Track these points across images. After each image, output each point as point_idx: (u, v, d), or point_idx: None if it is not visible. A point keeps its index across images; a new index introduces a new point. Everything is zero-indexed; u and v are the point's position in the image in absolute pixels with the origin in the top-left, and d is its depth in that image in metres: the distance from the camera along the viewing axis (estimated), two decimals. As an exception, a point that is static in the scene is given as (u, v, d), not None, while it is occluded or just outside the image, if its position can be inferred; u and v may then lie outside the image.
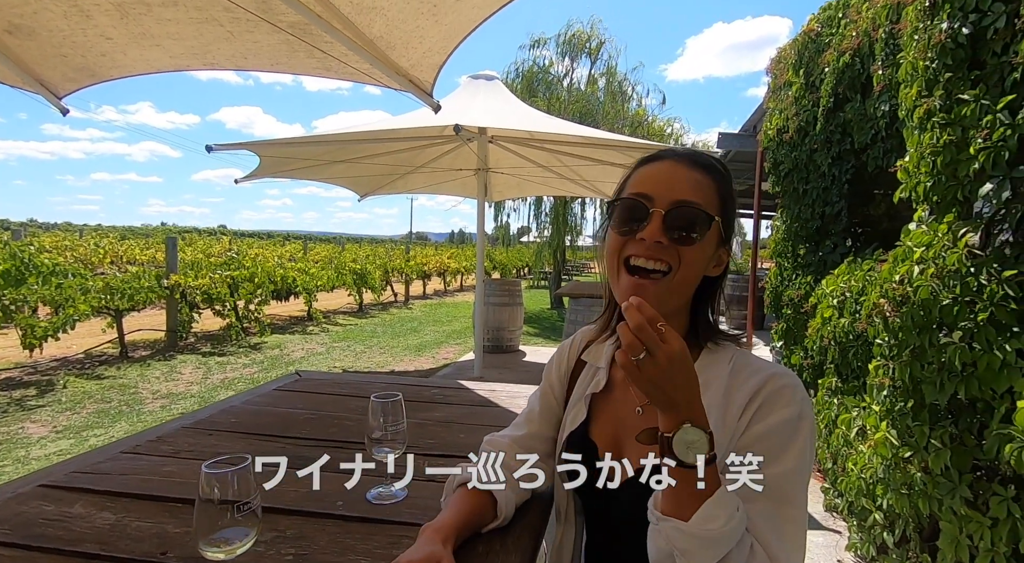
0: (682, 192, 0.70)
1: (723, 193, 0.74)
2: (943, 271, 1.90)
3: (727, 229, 0.75)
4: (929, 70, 2.09)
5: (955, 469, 1.85)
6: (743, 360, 0.74)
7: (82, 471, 0.93)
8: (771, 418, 0.66)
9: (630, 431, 0.74)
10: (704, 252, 0.72)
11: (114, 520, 0.77)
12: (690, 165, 0.73)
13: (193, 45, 2.35)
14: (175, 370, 5.81)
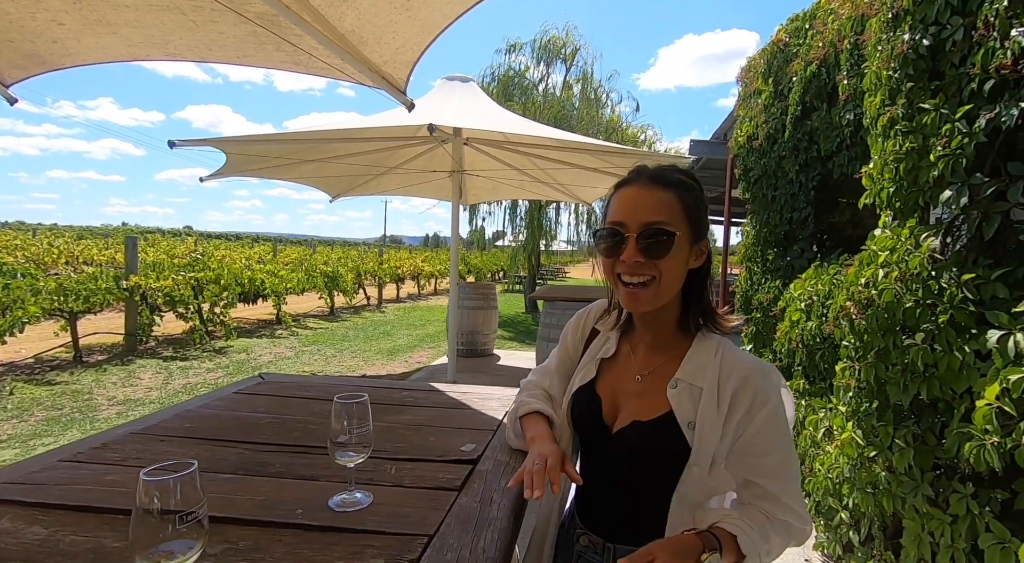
0: (648, 215, 0.83)
1: (687, 202, 0.85)
2: (906, 275, 1.95)
3: (697, 230, 0.87)
4: (892, 80, 2.16)
5: (917, 468, 1.90)
6: (730, 351, 0.87)
7: (13, 481, 0.85)
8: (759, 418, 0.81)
9: (629, 391, 0.91)
10: (678, 258, 0.84)
11: (45, 535, 0.70)
12: (653, 186, 0.85)
13: (153, 34, 2.25)
14: (133, 375, 5.56)
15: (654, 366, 0.89)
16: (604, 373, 0.96)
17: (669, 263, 0.83)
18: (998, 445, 1.50)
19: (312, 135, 4.30)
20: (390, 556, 0.67)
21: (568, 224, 12.59)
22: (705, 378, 0.83)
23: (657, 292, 0.84)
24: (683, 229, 0.84)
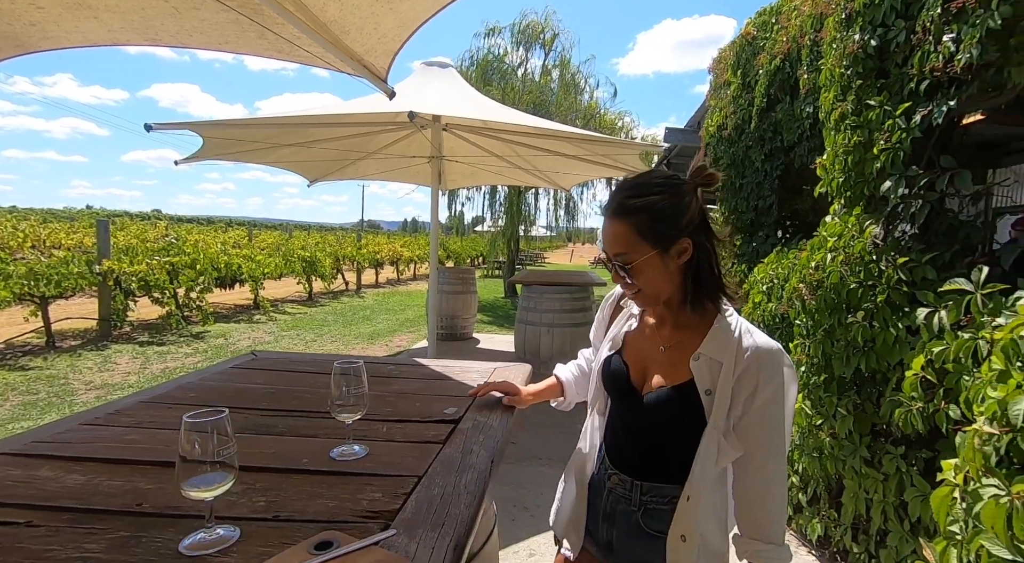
0: (612, 247, 1.00)
1: (642, 226, 0.97)
2: (850, 258, 2.14)
3: (664, 241, 0.97)
4: (844, 77, 2.32)
5: (857, 433, 2.11)
6: (747, 331, 1.00)
7: (42, 440, 0.95)
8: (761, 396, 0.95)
9: (654, 359, 1.06)
10: (649, 273, 0.98)
11: (84, 481, 0.81)
12: (612, 220, 0.99)
13: (134, 19, 2.26)
14: (109, 360, 5.53)
15: (676, 340, 1.03)
16: (629, 344, 1.12)
17: (642, 277, 0.98)
18: (922, 410, 1.70)
19: (290, 120, 4.31)
20: (387, 491, 0.80)
21: (547, 210, 12.70)
22: (725, 354, 0.96)
23: (648, 297, 1.01)
24: (644, 250, 0.96)
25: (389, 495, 0.79)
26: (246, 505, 0.75)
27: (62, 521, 0.70)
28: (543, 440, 3.27)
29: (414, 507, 0.75)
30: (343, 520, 0.71)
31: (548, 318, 5.41)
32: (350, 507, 0.75)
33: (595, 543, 1.09)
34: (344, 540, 0.63)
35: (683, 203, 0.98)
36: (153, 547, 0.65)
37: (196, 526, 0.69)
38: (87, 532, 0.67)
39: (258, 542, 0.67)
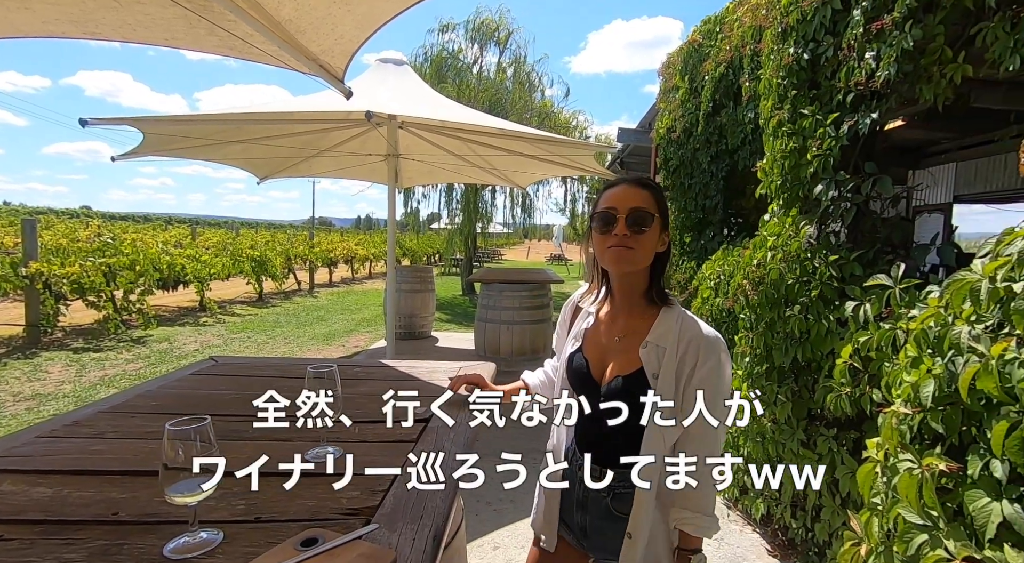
0: (635, 202, 1.11)
1: (659, 200, 1.14)
2: (788, 256, 2.31)
3: (664, 222, 1.15)
4: (780, 87, 2.49)
5: (794, 418, 2.29)
6: (688, 319, 1.13)
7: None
8: (699, 373, 1.07)
9: (611, 349, 1.16)
10: (652, 237, 1.11)
11: (51, 493, 0.80)
12: (638, 186, 1.14)
13: (71, 11, 2.14)
14: (40, 369, 5.18)
15: (630, 330, 1.15)
16: (589, 339, 1.22)
17: (646, 238, 1.10)
18: (850, 394, 1.87)
19: (240, 116, 4.17)
20: (365, 489, 0.84)
21: (504, 207, 12.80)
22: (668, 340, 1.09)
23: (634, 257, 1.11)
24: (657, 217, 1.12)
25: (367, 492, 0.82)
26: (226, 509, 0.77)
27: (35, 533, 0.69)
28: (504, 436, 3.33)
29: (393, 502, 0.79)
30: (325, 518, 0.75)
31: (508, 316, 5.48)
32: (331, 505, 0.78)
33: (570, 530, 1.19)
34: (328, 536, 0.67)
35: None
36: (137, 552, 0.66)
37: (177, 531, 0.71)
38: (64, 542, 0.68)
39: (243, 543, 0.69)
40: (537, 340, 5.59)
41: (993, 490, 1.19)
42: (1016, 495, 1.16)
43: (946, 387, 1.36)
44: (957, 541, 1.24)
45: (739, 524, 2.62)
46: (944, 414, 1.36)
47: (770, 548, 2.44)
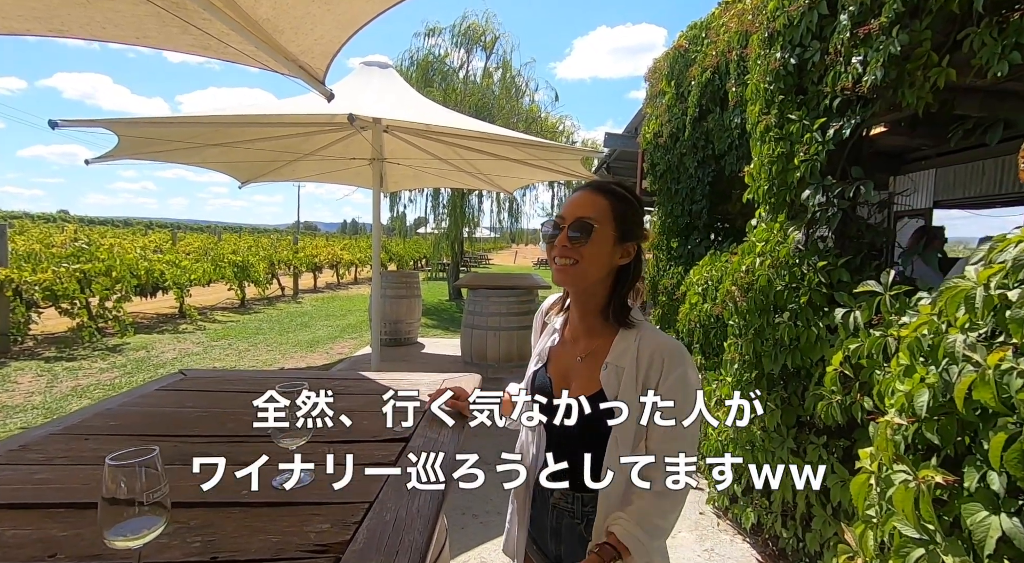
0: (580, 211, 1.04)
1: (617, 207, 1.04)
2: (777, 262, 2.29)
3: (623, 231, 1.04)
4: (767, 92, 2.48)
5: (784, 425, 2.26)
6: (648, 334, 1.05)
7: (-69, 487, 0.84)
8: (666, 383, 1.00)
9: (574, 370, 1.10)
10: (598, 248, 1.03)
11: (-16, 532, 0.72)
12: (592, 191, 1.06)
13: (35, 7, 2.05)
14: (8, 379, 5.00)
15: (591, 349, 1.08)
16: (553, 358, 1.16)
17: (589, 250, 1.02)
18: (841, 402, 1.84)
19: (218, 119, 4.06)
20: (336, 520, 0.77)
21: (491, 211, 12.73)
22: (627, 358, 1.02)
23: (578, 272, 1.04)
24: (607, 226, 1.03)
25: (339, 525, 0.76)
26: (179, 548, 0.70)
27: (-42, 582, 0.62)
28: (492, 444, 3.26)
29: (366, 537, 0.73)
30: (289, 557, 0.68)
31: (495, 321, 5.42)
32: (296, 541, 0.71)
33: (546, 558, 1.12)
34: (291, 580, 0.60)
35: (642, 220, 1.10)
36: (71, 604, 0.59)
37: (121, 575, 0.63)
38: (-10, 593, 0.60)
39: (194, 588, 0.62)
40: (524, 346, 5.53)
41: (991, 503, 1.16)
42: (1015, 509, 1.12)
43: (940, 397, 1.33)
44: (955, 556, 1.20)
45: (729, 534, 2.58)
46: (939, 425, 1.33)
47: (761, 558, 2.40)
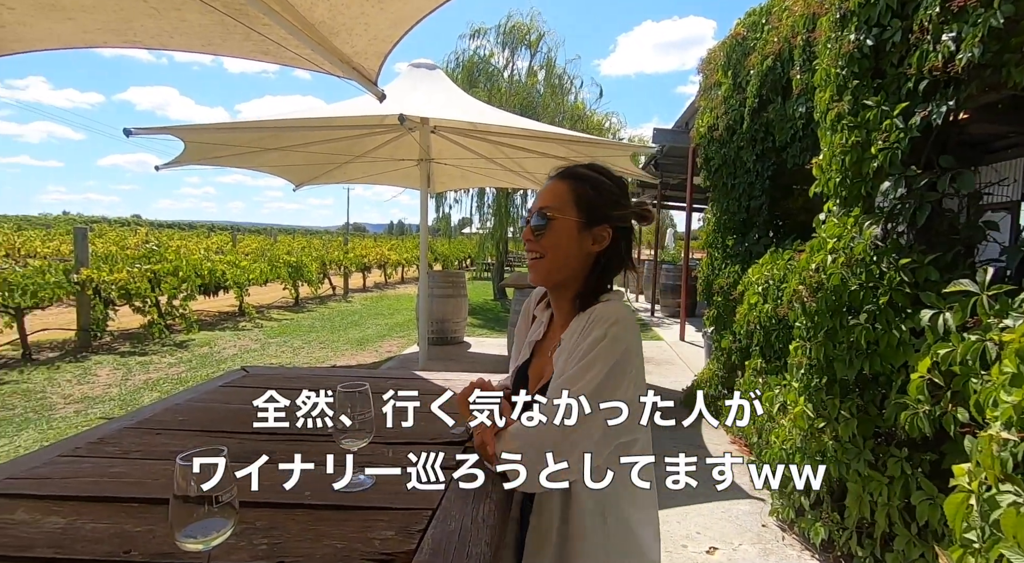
0: (541, 201, 1.00)
1: (579, 191, 0.98)
2: (851, 260, 2.13)
3: (590, 216, 0.97)
4: (839, 77, 2.31)
5: (860, 436, 2.09)
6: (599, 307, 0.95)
7: (16, 477, 0.87)
8: (590, 337, 0.89)
9: (548, 364, 1.01)
10: (560, 239, 0.97)
11: (65, 524, 0.73)
12: (553, 179, 1.01)
13: (111, 19, 2.16)
14: (89, 372, 5.36)
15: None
16: (536, 355, 1.10)
17: (550, 242, 0.97)
18: (929, 413, 1.68)
19: (276, 123, 4.21)
20: (399, 528, 0.74)
21: (535, 211, 12.67)
22: (573, 338, 0.93)
23: (546, 266, 0.98)
24: (570, 214, 0.97)
25: (403, 533, 0.73)
26: (246, 550, 0.69)
27: (40, 574, 0.63)
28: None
29: (431, 547, 0.69)
30: (355, 565, 0.65)
31: (541, 321, 5.36)
32: (361, 548, 0.69)
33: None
34: (359, 592, 0.58)
35: (623, 202, 1.00)
36: (144, 604, 0.59)
37: (191, 576, 0.63)
38: (69, 588, 0.61)
39: (262, 594, 0.61)
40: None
41: (1124, 534, 1.02)
42: None
43: (1059, 411, 1.19)
44: (1080, 592, 1.06)
45: (796, 549, 2.42)
46: (1059, 442, 1.18)
47: (832, 577, 2.24)
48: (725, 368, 4.02)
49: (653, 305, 10.66)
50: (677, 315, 8.92)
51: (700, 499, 2.81)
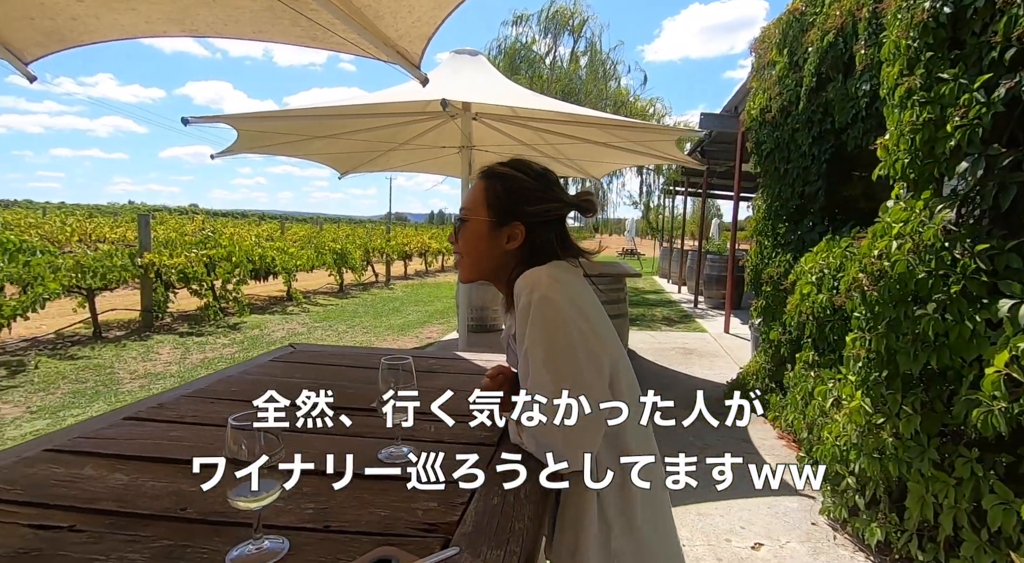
0: (463, 203, 1.02)
1: (490, 190, 0.99)
2: (919, 246, 1.98)
3: (499, 215, 0.97)
4: (911, 49, 2.14)
5: (924, 433, 1.96)
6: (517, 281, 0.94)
7: (86, 436, 0.92)
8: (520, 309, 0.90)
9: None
10: (472, 239, 0.99)
11: (127, 480, 0.77)
12: (478, 178, 1.02)
13: (170, 9, 2.25)
14: (152, 350, 5.70)
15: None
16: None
17: (465, 243, 1.00)
18: (1005, 411, 1.55)
19: (322, 111, 4.30)
20: (442, 500, 0.74)
21: (575, 200, 12.54)
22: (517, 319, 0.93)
23: (467, 265, 1.02)
24: (481, 215, 0.98)
25: (445, 504, 0.73)
26: (294, 512, 0.70)
27: (104, 526, 0.66)
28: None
29: (474, 519, 0.69)
30: (399, 533, 0.65)
31: (581, 310, 5.31)
32: (405, 518, 0.69)
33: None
34: (404, 559, 0.57)
35: (540, 195, 0.98)
36: (198, 558, 0.60)
37: (242, 535, 0.64)
38: (130, 539, 0.63)
39: (309, 556, 0.62)
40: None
41: None
42: None
43: None
44: None
45: (849, 550, 2.31)
46: None
47: (888, 581, 2.13)
48: (773, 361, 3.87)
49: (696, 296, 10.37)
50: (721, 306, 8.65)
51: (744, 493, 2.72)
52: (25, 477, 0.77)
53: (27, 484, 0.75)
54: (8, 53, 2.32)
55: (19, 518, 0.67)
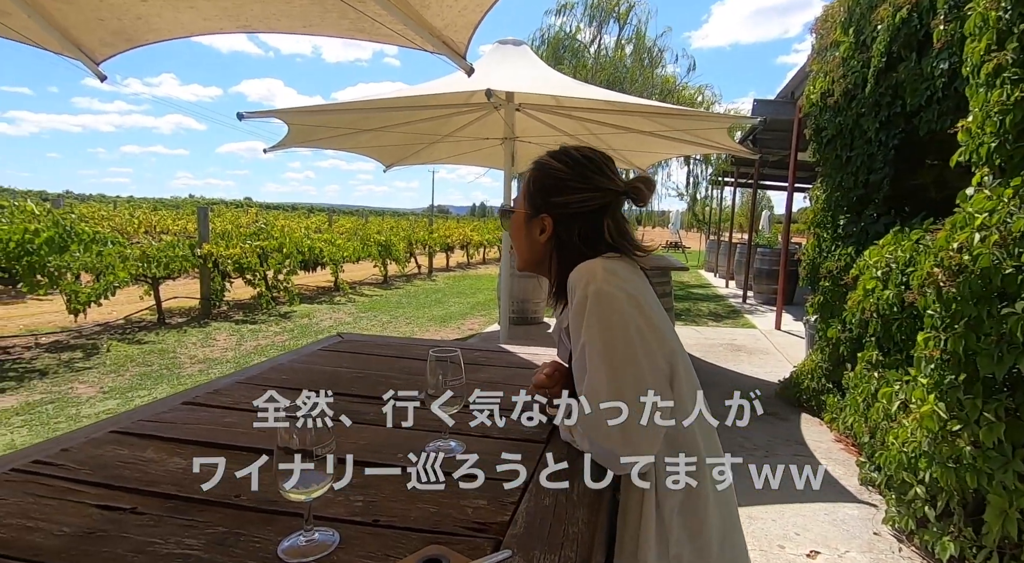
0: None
1: (528, 180, 0.98)
2: (1007, 238, 1.81)
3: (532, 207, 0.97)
4: (1001, 21, 1.94)
5: (1008, 443, 1.80)
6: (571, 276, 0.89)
7: (148, 419, 0.96)
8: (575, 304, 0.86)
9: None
10: (516, 227, 1.00)
11: (185, 465, 0.79)
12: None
13: (226, 6, 2.31)
14: (210, 337, 5.99)
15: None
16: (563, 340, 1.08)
17: (512, 235, 1.01)
18: (1107, 421, 1.40)
19: (369, 104, 4.36)
20: (492, 498, 0.72)
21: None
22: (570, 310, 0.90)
23: (518, 256, 1.02)
24: (520, 206, 0.99)
25: (495, 503, 0.70)
26: (343, 504, 0.70)
27: (164, 509, 0.67)
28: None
29: (525, 520, 0.66)
30: (448, 532, 0.64)
31: (624, 303, 5.20)
32: (454, 515, 0.67)
33: None
34: (454, 559, 0.55)
35: (573, 185, 0.93)
36: (252, 547, 0.61)
37: (293, 525, 0.64)
38: (187, 524, 0.64)
39: (358, 550, 0.61)
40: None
41: None
42: None
43: None
44: None
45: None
46: None
47: (961, 600, 1.98)
48: (830, 360, 3.66)
49: (745, 291, 9.99)
50: (772, 302, 8.29)
51: (798, 498, 2.59)
52: (93, 458, 0.80)
53: (95, 465, 0.78)
54: (81, 53, 2.45)
55: (87, 497, 0.69)
